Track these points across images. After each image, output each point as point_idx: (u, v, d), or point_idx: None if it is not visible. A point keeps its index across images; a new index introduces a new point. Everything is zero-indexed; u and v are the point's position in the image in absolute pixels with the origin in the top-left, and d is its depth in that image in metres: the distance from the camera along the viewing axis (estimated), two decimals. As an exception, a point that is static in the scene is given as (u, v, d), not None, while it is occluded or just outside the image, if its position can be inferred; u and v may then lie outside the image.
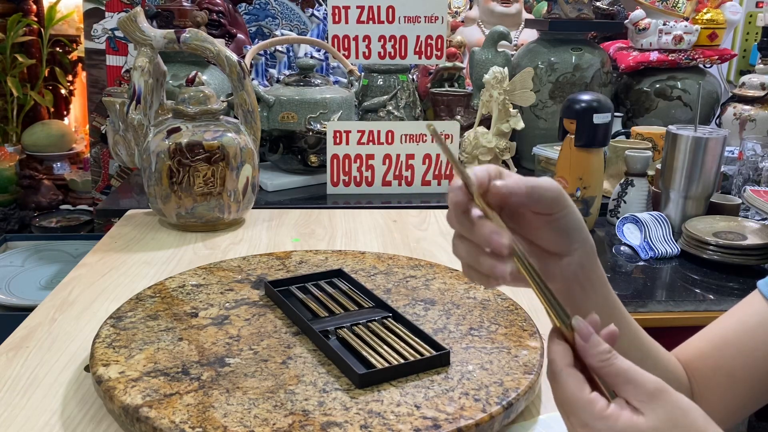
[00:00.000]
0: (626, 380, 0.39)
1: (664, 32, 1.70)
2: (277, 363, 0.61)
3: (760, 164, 1.44)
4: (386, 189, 1.44)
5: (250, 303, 0.74)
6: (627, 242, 1.25)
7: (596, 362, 0.39)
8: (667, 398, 0.38)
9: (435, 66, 1.78)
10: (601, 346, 0.40)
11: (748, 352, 0.56)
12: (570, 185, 1.27)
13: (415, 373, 0.60)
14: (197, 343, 0.65)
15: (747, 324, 0.57)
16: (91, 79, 2.03)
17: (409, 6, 1.54)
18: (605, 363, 0.39)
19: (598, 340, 0.40)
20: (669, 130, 1.27)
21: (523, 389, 0.58)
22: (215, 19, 1.69)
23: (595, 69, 1.66)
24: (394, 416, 0.53)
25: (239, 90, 1.07)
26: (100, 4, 1.94)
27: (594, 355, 0.40)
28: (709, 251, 1.16)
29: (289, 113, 1.42)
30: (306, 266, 0.86)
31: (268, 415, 0.53)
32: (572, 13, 1.66)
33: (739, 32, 2.31)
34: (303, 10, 2.01)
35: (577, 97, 1.24)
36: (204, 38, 1.05)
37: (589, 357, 0.40)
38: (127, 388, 0.56)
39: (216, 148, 1.02)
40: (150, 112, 1.06)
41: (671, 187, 1.27)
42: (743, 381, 0.56)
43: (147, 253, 0.98)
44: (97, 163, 2.04)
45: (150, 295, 0.75)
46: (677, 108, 1.74)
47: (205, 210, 1.05)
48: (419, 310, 0.73)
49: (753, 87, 1.72)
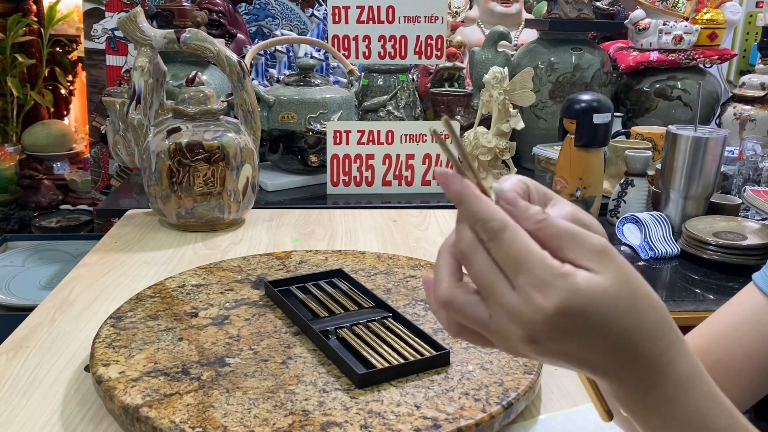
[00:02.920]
0: (572, 238, 0.34)
1: (664, 32, 1.70)
2: (277, 363, 0.61)
3: (760, 164, 1.44)
4: (386, 189, 1.44)
5: (250, 303, 0.74)
6: (627, 242, 1.25)
7: (533, 224, 0.35)
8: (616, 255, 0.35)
9: (435, 66, 1.78)
10: (532, 208, 0.35)
11: (747, 344, 0.56)
12: (570, 185, 1.27)
13: (415, 373, 0.60)
14: (197, 343, 0.65)
15: (744, 317, 0.57)
16: (91, 79, 2.03)
17: (409, 6, 1.54)
18: (544, 224, 0.35)
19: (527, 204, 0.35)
20: (669, 130, 1.27)
21: (523, 389, 0.58)
22: (215, 19, 1.69)
23: (595, 69, 1.66)
24: (394, 416, 0.53)
25: (239, 90, 1.07)
26: (100, 4, 1.94)
27: (528, 217, 0.35)
28: (709, 251, 1.16)
29: (289, 113, 1.42)
30: (306, 266, 0.86)
31: (268, 415, 0.53)
32: (572, 13, 1.66)
33: (739, 32, 2.31)
34: (303, 10, 2.01)
35: (577, 97, 1.24)
36: (204, 38, 1.05)
37: (524, 221, 0.35)
38: (127, 388, 0.56)
39: (216, 148, 1.02)
40: (150, 112, 1.06)
41: (671, 187, 1.27)
42: (743, 374, 0.57)
43: (147, 253, 0.98)
44: (97, 163, 2.04)
45: (150, 295, 0.75)
46: (677, 108, 1.74)
47: (205, 210, 1.05)
48: (419, 310, 0.73)
49: (753, 87, 1.72)
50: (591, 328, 0.34)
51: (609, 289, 0.34)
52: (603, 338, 0.34)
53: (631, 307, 0.34)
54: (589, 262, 0.34)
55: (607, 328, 0.34)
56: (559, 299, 0.33)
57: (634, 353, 0.35)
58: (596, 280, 0.33)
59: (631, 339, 0.34)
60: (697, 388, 0.37)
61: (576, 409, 0.61)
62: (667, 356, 0.36)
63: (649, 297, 0.35)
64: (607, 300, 0.34)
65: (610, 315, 0.34)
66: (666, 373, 0.36)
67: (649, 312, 0.35)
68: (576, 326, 0.33)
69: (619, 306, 0.34)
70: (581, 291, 0.33)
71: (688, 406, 0.37)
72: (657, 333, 0.35)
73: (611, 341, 0.34)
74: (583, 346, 0.34)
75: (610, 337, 0.34)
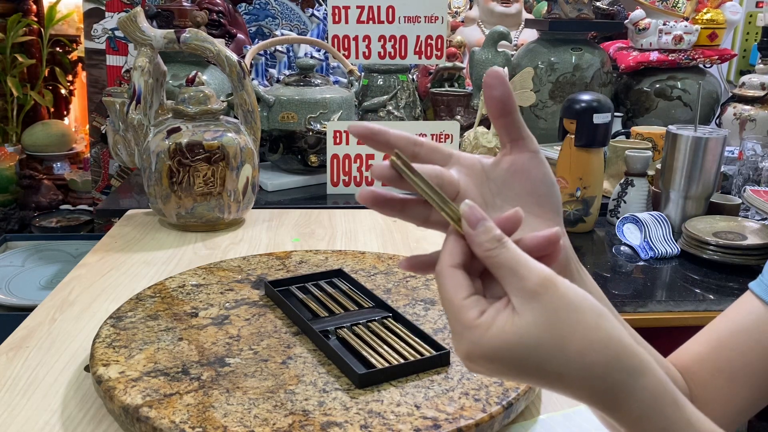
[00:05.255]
0: (510, 272, 0.33)
1: (664, 32, 1.70)
2: (277, 363, 0.61)
3: (760, 164, 1.44)
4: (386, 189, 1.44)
5: (250, 303, 0.74)
6: (627, 242, 1.25)
7: (482, 252, 0.34)
8: (551, 294, 0.33)
9: (435, 66, 1.78)
10: (491, 233, 0.34)
11: (746, 352, 0.56)
12: (570, 185, 1.27)
13: (415, 373, 0.60)
14: (197, 343, 0.65)
15: (742, 325, 0.57)
16: (91, 79, 2.03)
17: (409, 6, 1.54)
18: (491, 253, 0.34)
19: (488, 227, 0.34)
20: (669, 130, 1.27)
21: (523, 389, 0.58)
22: (215, 19, 1.69)
23: (595, 69, 1.66)
24: (394, 416, 0.53)
25: (239, 90, 1.07)
26: (100, 4, 1.94)
27: (480, 243, 0.34)
28: (709, 251, 1.16)
29: (289, 113, 1.42)
30: (306, 266, 0.86)
31: (268, 415, 0.53)
32: (572, 13, 1.66)
33: (739, 32, 2.31)
34: (303, 10, 2.01)
35: (577, 97, 1.24)
36: (204, 38, 1.05)
37: (475, 246, 0.34)
38: (127, 388, 0.56)
39: (216, 148, 1.02)
40: (150, 112, 1.06)
41: (671, 187, 1.27)
42: (743, 383, 0.56)
43: (147, 253, 0.98)
44: (97, 163, 2.04)
45: (150, 295, 0.75)
46: (677, 108, 1.74)
47: (205, 210, 1.05)
48: (419, 310, 0.73)
49: (753, 87, 1.72)
50: (507, 369, 0.34)
51: (525, 335, 0.33)
52: (523, 376, 0.34)
53: (555, 353, 0.33)
54: (517, 300, 0.34)
55: (526, 369, 0.34)
56: (466, 350, 0.34)
57: (572, 392, 0.35)
58: (509, 327, 0.33)
59: (561, 381, 0.34)
60: (652, 423, 0.35)
61: (576, 409, 0.61)
62: (613, 394, 0.35)
63: (590, 342, 0.34)
64: (524, 345, 0.33)
65: (528, 360, 0.34)
66: (616, 407, 0.35)
67: (583, 354, 0.34)
68: (494, 367, 0.34)
69: (539, 350, 0.33)
70: (484, 343, 0.34)
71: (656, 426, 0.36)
72: (595, 374, 0.34)
73: (539, 380, 0.34)
74: (512, 379, 0.35)
75: (536, 377, 0.34)
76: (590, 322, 0.34)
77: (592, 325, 0.34)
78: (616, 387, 0.34)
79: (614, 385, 0.34)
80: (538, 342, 0.33)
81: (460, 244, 0.36)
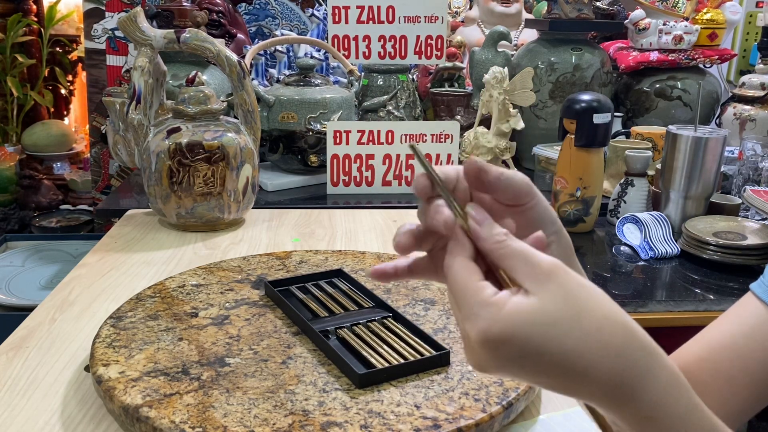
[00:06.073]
0: (522, 261, 0.35)
1: (664, 32, 1.70)
2: (277, 363, 0.61)
3: (760, 164, 1.44)
4: (386, 189, 1.44)
5: (250, 303, 0.74)
6: (627, 242, 1.25)
7: (491, 245, 0.36)
8: (563, 276, 0.35)
9: (435, 66, 1.78)
10: (496, 228, 0.36)
11: (746, 354, 0.55)
12: (570, 185, 1.27)
13: (415, 373, 0.60)
14: (197, 343, 0.65)
15: (742, 326, 0.56)
16: (91, 79, 2.03)
17: (409, 6, 1.54)
18: (500, 245, 0.36)
19: (493, 224, 0.37)
20: (669, 130, 1.27)
21: (523, 389, 0.58)
22: (215, 19, 1.69)
23: (595, 69, 1.66)
24: (394, 416, 0.53)
25: (239, 90, 1.07)
26: (100, 4, 1.94)
27: (488, 237, 0.36)
28: (709, 251, 1.16)
29: (289, 113, 1.42)
30: (306, 266, 0.86)
31: (268, 415, 0.53)
32: (572, 13, 1.66)
33: (739, 32, 2.31)
34: (303, 10, 2.01)
35: (577, 97, 1.24)
36: (204, 38, 1.05)
37: (483, 241, 0.36)
38: (127, 388, 0.56)
39: (216, 148, 1.02)
40: (150, 112, 1.06)
41: (671, 187, 1.27)
42: (743, 385, 0.56)
43: (147, 253, 0.98)
44: (97, 163, 2.04)
45: (150, 295, 0.75)
46: (677, 108, 1.74)
47: (205, 210, 1.05)
48: (419, 310, 0.73)
49: (753, 87, 1.72)
50: (525, 351, 0.34)
51: (542, 311, 0.34)
52: (541, 359, 0.34)
53: (573, 327, 0.34)
54: (530, 284, 0.34)
55: (543, 349, 0.34)
56: (483, 328, 0.34)
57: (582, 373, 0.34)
58: (525, 305, 0.34)
59: (581, 359, 0.34)
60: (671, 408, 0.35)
61: (576, 409, 0.61)
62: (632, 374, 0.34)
63: (605, 317, 0.34)
64: (541, 322, 0.34)
65: (546, 336, 0.33)
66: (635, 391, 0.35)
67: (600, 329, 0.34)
68: (507, 350, 0.34)
69: (557, 326, 0.34)
70: (502, 317, 0.34)
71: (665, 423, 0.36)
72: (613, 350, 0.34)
73: (551, 362, 0.34)
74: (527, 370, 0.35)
75: (550, 358, 0.34)
76: (605, 301, 0.35)
77: (607, 304, 0.35)
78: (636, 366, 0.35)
79: (634, 363, 0.34)
80: (556, 318, 0.34)
81: (467, 241, 0.37)
